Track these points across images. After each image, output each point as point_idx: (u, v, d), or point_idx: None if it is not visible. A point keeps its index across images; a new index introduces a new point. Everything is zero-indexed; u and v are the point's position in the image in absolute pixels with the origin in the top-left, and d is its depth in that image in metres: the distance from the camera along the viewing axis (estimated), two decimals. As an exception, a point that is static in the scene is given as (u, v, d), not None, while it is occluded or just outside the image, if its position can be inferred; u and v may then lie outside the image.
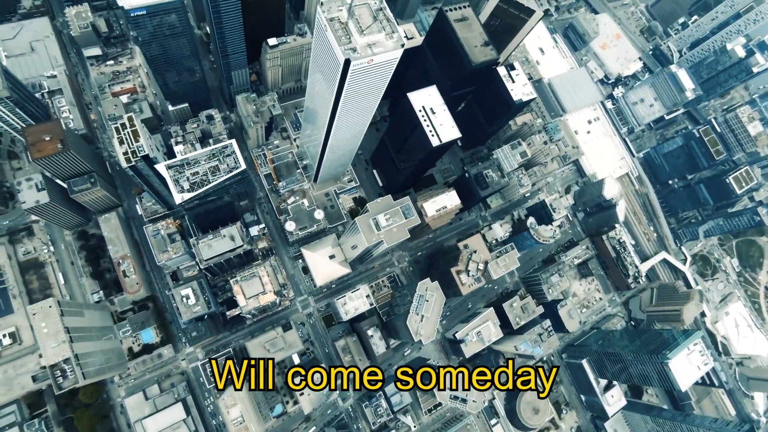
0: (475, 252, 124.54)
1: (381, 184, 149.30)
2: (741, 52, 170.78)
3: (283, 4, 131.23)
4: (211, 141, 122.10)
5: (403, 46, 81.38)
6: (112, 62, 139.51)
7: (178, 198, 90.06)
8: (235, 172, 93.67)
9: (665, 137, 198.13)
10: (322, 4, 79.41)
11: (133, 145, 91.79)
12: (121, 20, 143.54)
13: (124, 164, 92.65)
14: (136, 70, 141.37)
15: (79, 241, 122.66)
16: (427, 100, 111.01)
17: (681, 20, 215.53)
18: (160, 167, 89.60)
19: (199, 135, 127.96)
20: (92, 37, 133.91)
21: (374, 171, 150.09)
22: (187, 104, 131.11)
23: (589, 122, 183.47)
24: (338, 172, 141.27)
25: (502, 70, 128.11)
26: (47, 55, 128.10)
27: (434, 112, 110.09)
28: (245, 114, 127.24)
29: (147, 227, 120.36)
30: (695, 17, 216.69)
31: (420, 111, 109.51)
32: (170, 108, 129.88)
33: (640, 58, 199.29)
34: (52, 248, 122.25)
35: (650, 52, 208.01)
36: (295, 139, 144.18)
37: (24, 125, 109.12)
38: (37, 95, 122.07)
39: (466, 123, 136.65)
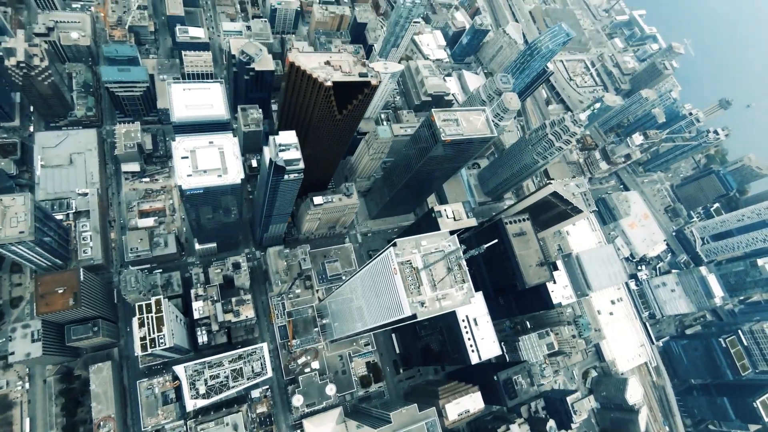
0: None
1: (398, 351, 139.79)
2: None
3: (337, 163, 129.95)
4: (233, 302, 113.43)
5: (472, 298, 76.14)
6: (147, 179, 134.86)
7: (190, 405, 79.60)
8: (259, 379, 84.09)
9: (684, 324, 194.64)
10: (395, 244, 74.98)
11: (154, 332, 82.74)
12: (168, 136, 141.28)
13: (138, 351, 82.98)
14: (169, 191, 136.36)
15: (61, 383, 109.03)
16: (471, 309, 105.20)
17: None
18: (179, 369, 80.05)
19: (221, 281, 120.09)
20: (135, 155, 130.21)
21: (393, 335, 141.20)
22: (215, 244, 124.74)
23: (612, 303, 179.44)
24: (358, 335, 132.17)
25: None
26: (84, 170, 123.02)
27: (477, 324, 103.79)
28: (274, 270, 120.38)
29: (141, 383, 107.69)
30: (717, 204, 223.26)
31: (463, 321, 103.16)
32: (197, 246, 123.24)
33: (665, 240, 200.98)
34: (27, 385, 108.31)
35: (674, 233, 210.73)
36: (317, 291, 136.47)
37: (41, 261, 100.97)
38: (62, 215, 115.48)
39: (496, 305, 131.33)
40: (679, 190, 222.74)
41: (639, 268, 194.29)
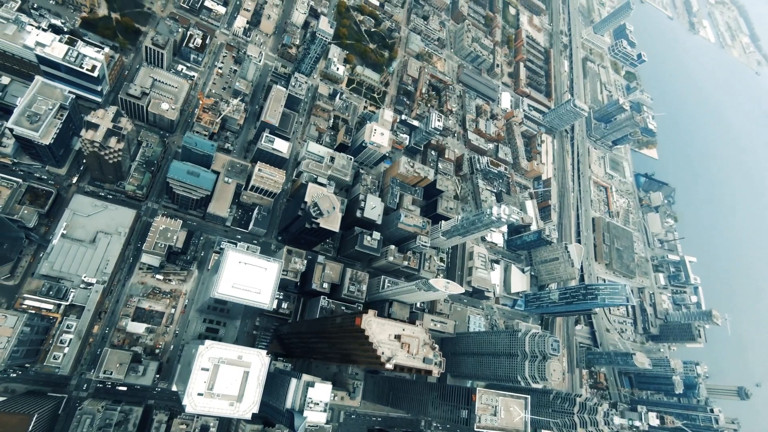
0: None
1: None
2: None
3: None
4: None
5: None
6: (161, 277, 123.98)
7: None
8: None
9: None
10: None
11: None
12: (202, 236, 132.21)
13: None
14: (178, 296, 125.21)
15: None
16: None
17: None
18: None
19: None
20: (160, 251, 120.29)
21: None
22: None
23: None
24: None
25: None
26: (103, 256, 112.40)
27: None
28: None
29: None
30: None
31: None
32: (173, 388, 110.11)
33: None
34: None
35: None
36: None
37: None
38: (52, 305, 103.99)
39: None
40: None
41: None
